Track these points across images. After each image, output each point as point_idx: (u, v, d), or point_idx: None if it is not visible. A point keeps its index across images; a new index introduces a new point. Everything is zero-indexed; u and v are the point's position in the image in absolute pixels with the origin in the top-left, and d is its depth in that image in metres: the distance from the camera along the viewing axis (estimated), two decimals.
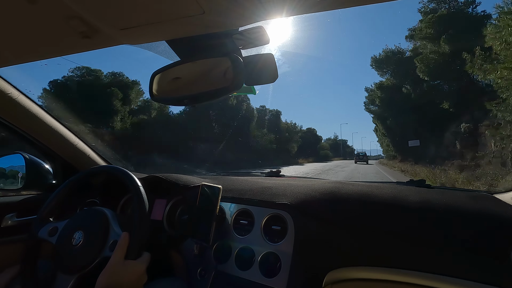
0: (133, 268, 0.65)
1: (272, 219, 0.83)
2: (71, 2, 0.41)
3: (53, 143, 1.11)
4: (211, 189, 0.88)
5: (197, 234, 0.86)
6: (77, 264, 0.68)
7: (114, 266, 0.63)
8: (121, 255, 0.64)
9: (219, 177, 1.35)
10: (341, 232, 0.77)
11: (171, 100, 0.64)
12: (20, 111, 0.96)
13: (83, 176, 0.87)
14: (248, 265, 0.79)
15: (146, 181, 1.07)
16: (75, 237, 0.71)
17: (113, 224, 0.72)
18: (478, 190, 1.07)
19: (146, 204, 0.73)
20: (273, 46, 0.61)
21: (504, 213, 0.68)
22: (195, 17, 0.43)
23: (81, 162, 1.19)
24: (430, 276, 0.67)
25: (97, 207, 0.79)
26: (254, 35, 0.54)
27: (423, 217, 0.72)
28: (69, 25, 0.47)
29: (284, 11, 0.43)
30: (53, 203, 0.82)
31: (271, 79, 0.59)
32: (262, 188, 0.95)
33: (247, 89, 0.75)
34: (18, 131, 1.02)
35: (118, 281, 0.61)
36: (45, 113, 1.03)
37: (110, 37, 0.51)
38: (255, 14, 0.44)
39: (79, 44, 0.54)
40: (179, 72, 0.61)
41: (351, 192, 0.84)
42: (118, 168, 0.84)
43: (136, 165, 10.35)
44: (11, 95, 0.91)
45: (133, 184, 0.76)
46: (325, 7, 0.42)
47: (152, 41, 0.56)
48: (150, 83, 0.63)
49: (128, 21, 0.46)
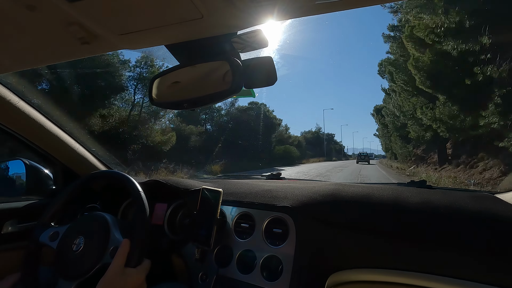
0: (133, 276, 0.64)
1: (273, 222, 0.83)
2: (70, 9, 0.41)
3: (53, 148, 1.11)
4: (211, 192, 0.88)
5: (198, 238, 0.85)
6: (77, 270, 0.68)
7: (114, 274, 0.62)
8: (121, 263, 0.64)
9: (219, 180, 1.35)
10: (343, 234, 0.77)
11: (171, 104, 0.64)
12: (20, 117, 0.96)
13: (84, 181, 0.87)
14: (250, 269, 0.79)
15: (147, 185, 1.07)
16: (76, 243, 0.71)
17: (113, 229, 0.72)
18: (479, 190, 1.06)
19: (147, 209, 0.73)
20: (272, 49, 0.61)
21: (506, 213, 0.68)
22: (193, 21, 0.43)
23: (82, 167, 1.19)
24: (433, 277, 0.67)
25: (98, 212, 0.78)
26: (252, 38, 0.54)
27: (425, 218, 0.72)
28: (68, 31, 0.47)
29: (282, 14, 0.43)
30: (55, 209, 0.82)
31: (270, 82, 0.59)
32: (263, 191, 0.95)
33: (247, 92, 0.75)
34: (18, 137, 1.02)
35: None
36: (45, 118, 1.03)
37: (109, 43, 0.51)
38: (253, 17, 0.44)
39: (78, 50, 0.54)
40: (178, 76, 0.61)
41: (353, 194, 0.84)
42: (119, 173, 0.84)
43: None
44: (11, 101, 0.91)
45: (133, 189, 0.76)
46: (323, 10, 0.42)
47: (151, 46, 0.56)
48: (150, 87, 0.63)
49: (127, 27, 0.46)
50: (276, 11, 0.42)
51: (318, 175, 15.45)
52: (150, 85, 0.63)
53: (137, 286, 0.64)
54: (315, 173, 16.51)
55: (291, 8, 0.41)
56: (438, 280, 0.66)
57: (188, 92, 0.62)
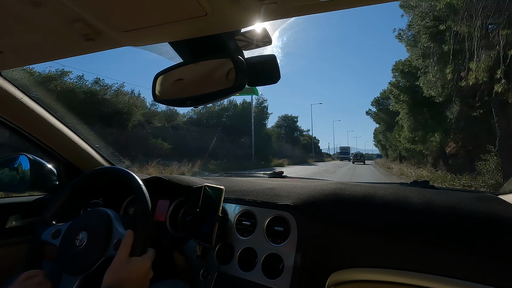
0: (139, 264, 0.65)
1: (275, 220, 0.83)
2: (75, 5, 0.41)
3: (56, 144, 1.12)
4: (213, 190, 0.88)
5: (200, 235, 0.86)
6: (81, 264, 0.68)
7: (119, 264, 0.63)
8: (126, 253, 0.65)
9: (221, 178, 1.35)
10: (344, 233, 0.77)
11: (174, 101, 0.64)
12: (24, 113, 0.97)
13: (86, 178, 0.87)
14: (251, 266, 0.79)
15: (149, 182, 1.08)
16: (78, 238, 0.72)
17: (116, 224, 0.72)
18: (482, 191, 1.06)
19: (148, 201, 0.73)
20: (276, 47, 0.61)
21: (509, 214, 0.67)
22: (197, 19, 0.43)
23: (85, 163, 1.20)
24: (434, 278, 0.67)
25: (100, 208, 0.79)
26: (256, 36, 0.54)
27: (427, 219, 0.71)
28: (73, 27, 0.47)
29: (286, 12, 0.43)
30: (56, 206, 0.82)
31: (274, 80, 0.59)
32: (265, 189, 0.95)
33: (250, 90, 0.75)
34: (22, 132, 1.02)
35: (124, 277, 0.62)
36: (49, 114, 1.04)
37: (113, 39, 0.51)
38: (257, 15, 0.44)
39: (82, 46, 0.54)
40: (181, 74, 0.61)
41: (355, 193, 0.84)
42: (121, 169, 0.84)
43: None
44: (15, 96, 0.92)
45: (135, 184, 0.76)
46: (327, 8, 0.41)
47: (155, 42, 0.56)
48: (153, 84, 0.63)
49: (131, 23, 0.46)
50: (280, 9, 0.42)
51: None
52: (154, 82, 0.63)
53: (143, 273, 0.65)
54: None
55: (295, 6, 0.41)
56: (439, 280, 0.66)
57: (191, 89, 0.62)
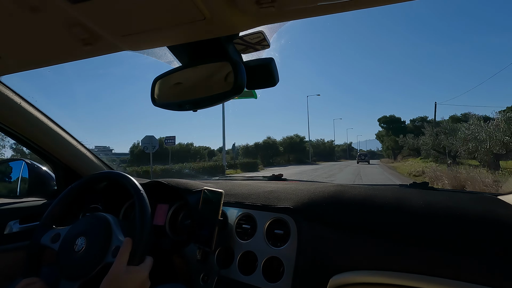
0: (136, 273, 0.64)
1: (275, 223, 0.83)
2: (73, 10, 0.41)
3: (55, 149, 1.11)
4: (213, 193, 0.88)
5: (199, 239, 0.85)
6: (79, 270, 0.68)
7: (117, 272, 0.62)
8: (123, 261, 0.64)
9: (220, 181, 1.35)
10: (345, 236, 0.77)
11: (173, 105, 0.64)
12: (22, 118, 0.97)
13: (85, 182, 0.87)
14: (251, 270, 0.79)
15: (148, 186, 1.07)
16: (77, 243, 0.71)
17: (115, 230, 0.72)
18: (482, 192, 1.06)
19: (148, 208, 0.73)
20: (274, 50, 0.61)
21: (509, 215, 0.67)
22: (196, 23, 0.43)
23: (83, 168, 1.20)
24: (435, 279, 0.66)
25: (99, 213, 0.78)
26: (254, 40, 0.54)
27: (427, 220, 0.71)
28: (71, 32, 0.47)
29: (284, 15, 0.43)
30: (55, 210, 0.82)
31: (272, 83, 0.59)
32: (264, 192, 0.95)
33: (248, 93, 0.75)
34: (20, 137, 1.02)
35: (121, 287, 0.61)
36: (47, 119, 1.04)
37: (111, 44, 0.51)
38: (255, 18, 0.44)
39: (81, 51, 0.54)
40: (180, 78, 0.61)
41: (354, 195, 0.84)
42: (120, 173, 0.84)
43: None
44: (13, 101, 0.91)
45: (135, 189, 0.76)
46: (325, 11, 0.42)
47: (153, 47, 0.56)
48: (152, 88, 0.63)
49: (130, 28, 0.46)
50: (278, 12, 0.42)
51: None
52: (152, 86, 0.63)
53: (140, 283, 0.64)
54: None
55: (293, 10, 0.41)
56: (441, 282, 0.66)
57: (190, 93, 0.62)
